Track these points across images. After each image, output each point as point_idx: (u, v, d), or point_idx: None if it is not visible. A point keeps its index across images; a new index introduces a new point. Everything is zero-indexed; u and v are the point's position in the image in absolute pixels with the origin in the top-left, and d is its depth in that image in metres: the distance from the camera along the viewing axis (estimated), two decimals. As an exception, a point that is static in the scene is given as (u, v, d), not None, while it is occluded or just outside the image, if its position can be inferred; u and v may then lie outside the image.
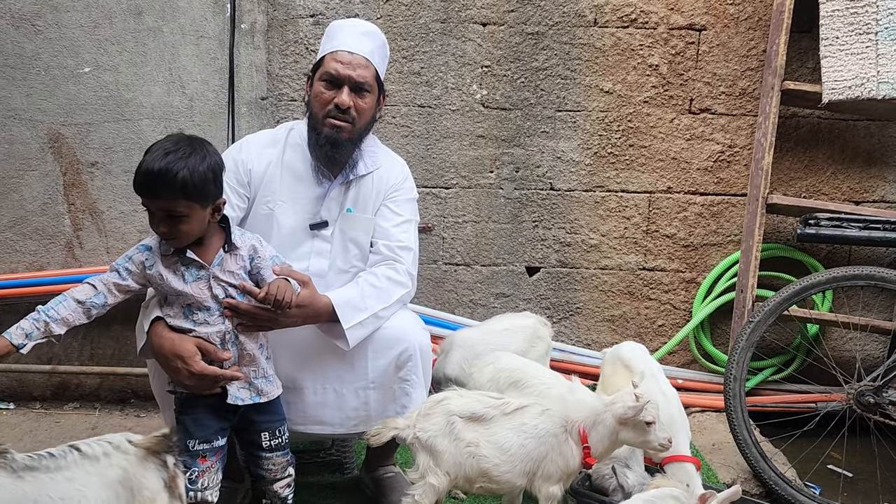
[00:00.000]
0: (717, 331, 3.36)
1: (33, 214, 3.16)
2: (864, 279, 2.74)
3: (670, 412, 2.19)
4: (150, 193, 1.75)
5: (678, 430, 2.17)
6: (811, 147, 3.27)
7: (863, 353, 3.29)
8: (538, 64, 3.19)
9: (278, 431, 1.98)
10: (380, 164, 2.34)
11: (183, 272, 1.84)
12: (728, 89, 3.22)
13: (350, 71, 2.17)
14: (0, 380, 3.25)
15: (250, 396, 1.90)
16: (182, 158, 1.73)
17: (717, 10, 3.17)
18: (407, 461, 2.56)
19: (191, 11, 3.07)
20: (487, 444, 1.87)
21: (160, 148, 1.76)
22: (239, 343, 1.89)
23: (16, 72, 3.06)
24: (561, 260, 3.32)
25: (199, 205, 1.78)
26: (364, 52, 2.21)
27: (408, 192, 2.39)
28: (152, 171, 1.72)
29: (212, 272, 1.85)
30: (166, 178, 1.71)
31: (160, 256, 1.85)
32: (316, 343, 2.12)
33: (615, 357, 2.46)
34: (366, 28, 2.29)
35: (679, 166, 3.27)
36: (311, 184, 2.27)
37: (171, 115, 3.12)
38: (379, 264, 2.24)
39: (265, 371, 1.94)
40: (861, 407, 2.65)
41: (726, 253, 3.31)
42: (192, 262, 1.84)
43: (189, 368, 1.81)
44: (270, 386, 1.95)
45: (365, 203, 2.30)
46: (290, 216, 2.25)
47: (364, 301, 2.10)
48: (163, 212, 1.76)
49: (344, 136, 2.19)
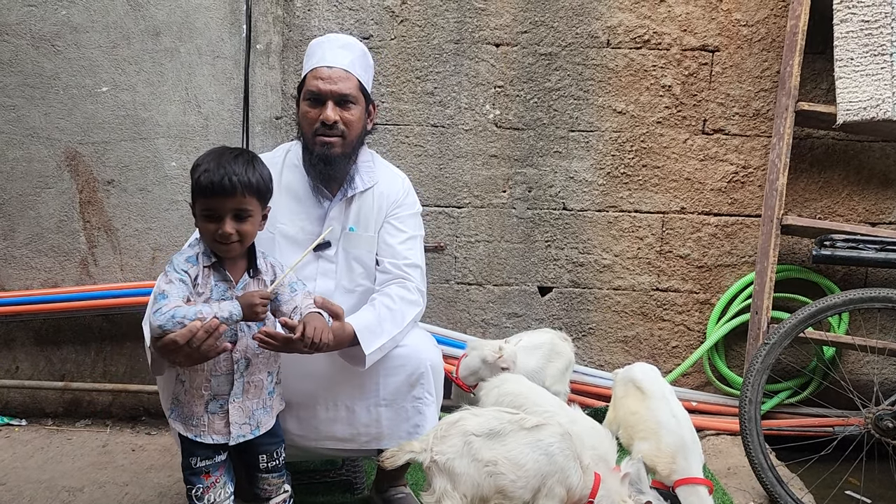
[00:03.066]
0: (731, 353, 3.32)
1: (49, 231, 3.19)
2: (882, 301, 2.71)
3: (681, 434, 2.19)
4: (227, 192, 1.78)
5: (689, 453, 2.17)
6: (826, 168, 3.25)
7: (881, 376, 3.24)
8: (551, 84, 3.20)
9: (276, 453, 1.99)
10: (378, 179, 2.32)
11: (212, 288, 1.84)
12: (742, 110, 3.22)
13: (331, 85, 2.15)
14: (13, 396, 3.27)
15: (251, 431, 1.91)
16: (250, 161, 1.85)
17: (731, 32, 3.17)
18: (417, 482, 2.55)
19: (208, 32, 3.11)
20: (504, 461, 1.86)
21: (222, 154, 1.83)
22: (247, 373, 1.89)
23: (35, 91, 3.11)
24: (574, 280, 3.30)
25: (261, 204, 1.87)
26: (343, 64, 2.19)
27: (410, 207, 2.36)
28: (230, 170, 1.78)
29: (234, 295, 1.85)
30: (244, 177, 1.80)
31: (200, 268, 1.85)
32: (328, 361, 2.11)
33: (627, 378, 2.44)
34: (343, 41, 2.26)
35: (693, 187, 3.26)
36: (311, 204, 2.26)
37: (186, 133, 3.15)
38: (390, 283, 2.22)
39: (265, 402, 1.94)
40: (879, 431, 2.61)
41: (741, 274, 3.28)
42: (222, 280, 1.85)
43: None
44: (268, 416, 1.96)
45: (367, 221, 2.28)
46: (292, 238, 2.24)
47: (381, 325, 2.08)
48: (232, 211, 1.80)
49: (336, 151, 2.18)
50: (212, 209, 1.80)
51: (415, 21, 3.17)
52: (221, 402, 1.87)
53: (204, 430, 1.86)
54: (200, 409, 1.86)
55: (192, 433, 1.86)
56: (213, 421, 1.87)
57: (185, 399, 1.88)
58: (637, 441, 2.28)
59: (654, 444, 2.21)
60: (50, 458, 2.87)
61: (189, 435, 1.86)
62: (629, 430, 2.34)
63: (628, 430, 2.35)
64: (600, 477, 1.99)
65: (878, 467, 2.71)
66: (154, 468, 2.78)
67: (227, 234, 1.80)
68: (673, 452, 2.18)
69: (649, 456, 2.20)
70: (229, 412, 1.87)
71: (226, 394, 1.87)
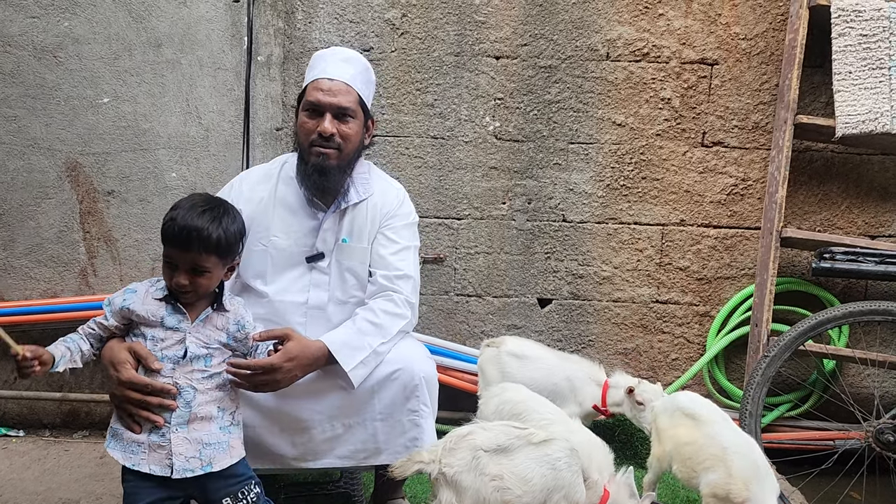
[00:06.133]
0: (731, 365, 3.32)
1: (49, 242, 3.19)
2: (882, 314, 2.71)
3: (753, 458, 2.04)
4: (184, 246, 1.77)
5: (763, 479, 2.01)
6: (825, 181, 3.26)
7: (881, 389, 3.23)
8: (551, 97, 3.22)
9: (241, 493, 1.83)
10: (373, 191, 2.31)
11: (164, 316, 1.82)
12: (741, 123, 3.23)
13: (331, 98, 2.16)
14: (10, 407, 3.26)
15: (201, 466, 1.77)
16: (217, 218, 1.80)
17: (730, 45, 3.19)
18: (416, 494, 2.54)
19: (209, 44, 3.13)
20: (511, 476, 1.86)
21: (194, 205, 1.80)
22: (194, 402, 1.79)
23: (36, 102, 3.12)
24: (573, 292, 3.30)
25: (222, 263, 1.83)
26: (344, 77, 2.19)
27: (405, 218, 2.35)
28: (191, 226, 1.76)
29: (192, 328, 1.83)
30: (203, 234, 1.76)
31: (150, 297, 1.83)
32: (319, 383, 2.08)
33: (671, 408, 2.28)
34: (346, 55, 2.27)
35: (692, 199, 3.26)
36: (304, 216, 2.26)
37: (187, 145, 3.16)
38: (376, 297, 2.21)
39: (218, 437, 1.81)
40: (880, 445, 2.60)
41: (740, 286, 3.28)
42: (177, 311, 1.83)
43: (118, 376, 1.76)
44: (223, 455, 1.81)
45: (360, 232, 2.27)
46: (285, 250, 2.23)
47: (362, 339, 2.07)
48: (189, 265, 1.78)
49: (331, 163, 2.17)
50: (170, 257, 1.80)
51: (415, 34, 3.19)
52: (164, 431, 1.76)
53: (143, 459, 1.75)
54: (142, 435, 1.77)
55: (130, 461, 1.75)
56: (153, 449, 1.76)
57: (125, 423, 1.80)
58: (702, 473, 2.09)
59: (724, 471, 2.02)
60: (47, 469, 2.85)
61: (127, 464, 1.75)
62: (687, 462, 2.15)
63: (687, 464, 2.15)
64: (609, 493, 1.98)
65: (880, 481, 2.70)
66: (151, 480, 2.77)
67: (180, 284, 1.79)
68: (746, 478, 1.99)
69: (721, 485, 2.02)
70: (171, 442, 1.75)
71: (168, 422, 1.76)
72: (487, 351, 2.72)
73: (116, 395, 1.80)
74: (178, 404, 1.78)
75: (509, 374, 2.59)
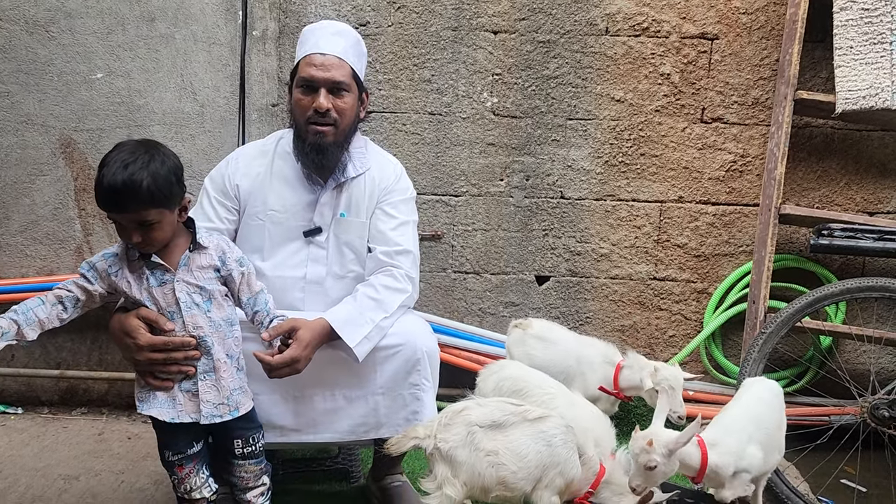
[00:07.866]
0: (728, 342, 3.33)
1: (44, 219, 3.17)
2: (879, 291, 2.71)
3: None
4: (118, 208, 1.73)
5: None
6: (824, 157, 3.25)
7: (877, 365, 3.25)
8: (549, 72, 3.18)
9: (252, 439, 1.96)
10: (370, 165, 2.31)
11: (148, 277, 1.83)
12: (740, 98, 3.20)
13: (324, 73, 2.14)
14: (8, 384, 3.26)
15: (229, 412, 1.88)
16: (143, 167, 1.71)
17: (730, 20, 3.16)
18: (414, 470, 2.55)
19: (203, 18, 3.09)
20: (506, 452, 1.87)
21: (117, 160, 1.72)
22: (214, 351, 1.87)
23: (29, 77, 3.08)
24: (571, 269, 3.30)
25: (167, 209, 1.78)
26: (336, 51, 2.18)
27: (402, 193, 2.35)
28: (116, 184, 1.69)
29: (177, 276, 1.84)
30: (131, 189, 1.69)
31: (126, 263, 1.85)
32: (323, 354, 2.09)
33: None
34: (336, 28, 2.25)
35: (691, 176, 3.25)
36: (302, 191, 2.26)
37: (181, 121, 3.13)
38: (376, 272, 2.21)
39: (240, 382, 1.92)
40: (875, 420, 2.62)
41: (738, 263, 3.28)
42: (157, 266, 1.84)
43: (136, 342, 1.80)
44: (245, 397, 1.93)
45: (358, 206, 2.27)
46: (282, 225, 2.23)
47: (363, 315, 2.07)
48: (134, 223, 1.75)
49: (328, 140, 2.17)
50: (115, 221, 1.78)
51: (412, 8, 3.14)
52: (194, 379, 1.85)
53: (182, 410, 1.85)
54: (174, 388, 1.86)
55: (168, 416, 1.84)
56: (188, 399, 1.86)
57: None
58: None
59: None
60: (45, 446, 2.86)
61: (166, 419, 1.84)
62: None
63: None
64: (605, 469, 2.00)
65: (874, 456, 2.72)
66: (149, 456, 2.78)
67: (136, 243, 1.78)
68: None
69: None
70: (200, 390, 1.85)
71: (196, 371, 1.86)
72: (514, 332, 2.69)
73: (141, 362, 1.83)
74: (200, 352, 1.85)
75: (533, 356, 2.56)
